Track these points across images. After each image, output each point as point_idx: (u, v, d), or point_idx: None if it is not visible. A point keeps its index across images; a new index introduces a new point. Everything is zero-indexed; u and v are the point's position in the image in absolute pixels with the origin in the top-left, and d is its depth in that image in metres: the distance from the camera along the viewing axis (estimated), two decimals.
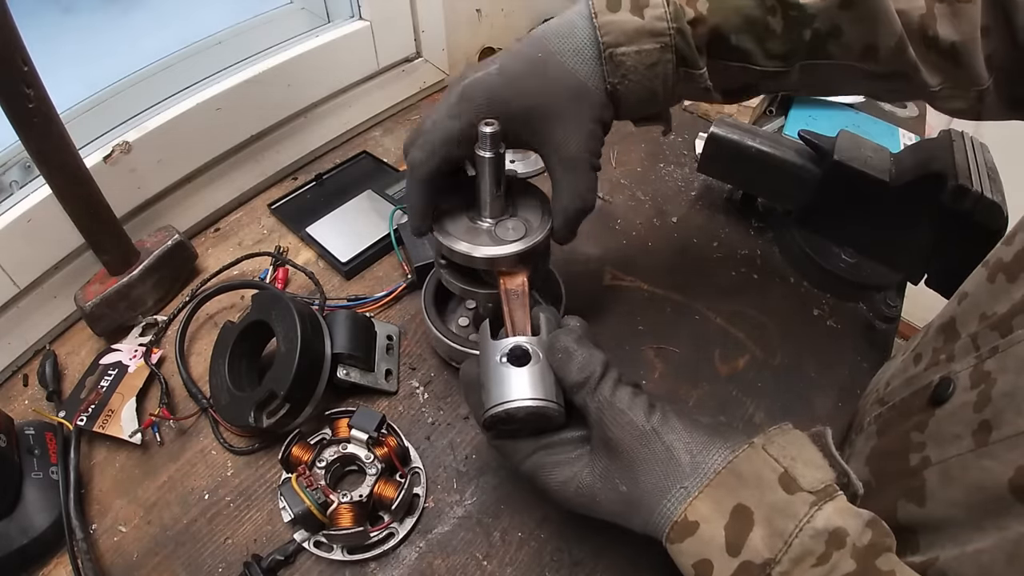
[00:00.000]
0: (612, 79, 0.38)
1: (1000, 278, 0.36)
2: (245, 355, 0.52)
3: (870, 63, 0.39)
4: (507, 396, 0.34)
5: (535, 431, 0.37)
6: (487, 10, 0.92)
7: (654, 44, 0.37)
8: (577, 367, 0.34)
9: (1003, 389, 0.31)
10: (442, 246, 0.42)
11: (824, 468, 0.31)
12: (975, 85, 0.40)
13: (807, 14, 0.37)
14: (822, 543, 0.28)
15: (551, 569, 0.44)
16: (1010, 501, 0.28)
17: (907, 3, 0.37)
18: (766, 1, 0.37)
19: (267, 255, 0.63)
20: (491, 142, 0.38)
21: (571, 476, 0.35)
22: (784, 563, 0.28)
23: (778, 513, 0.29)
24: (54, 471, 0.46)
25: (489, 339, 0.37)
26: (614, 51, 0.37)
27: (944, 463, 0.33)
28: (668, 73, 0.38)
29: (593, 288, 0.62)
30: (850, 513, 0.29)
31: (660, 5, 0.37)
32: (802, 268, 0.64)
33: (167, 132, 0.63)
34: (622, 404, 0.33)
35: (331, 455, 0.46)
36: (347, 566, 0.43)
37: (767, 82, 0.41)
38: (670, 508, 0.31)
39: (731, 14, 0.38)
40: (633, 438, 0.32)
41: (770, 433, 0.32)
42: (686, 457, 0.32)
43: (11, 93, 0.44)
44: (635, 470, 0.32)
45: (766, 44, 0.38)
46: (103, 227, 0.54)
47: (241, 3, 0.79)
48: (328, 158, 0.78)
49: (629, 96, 0.39)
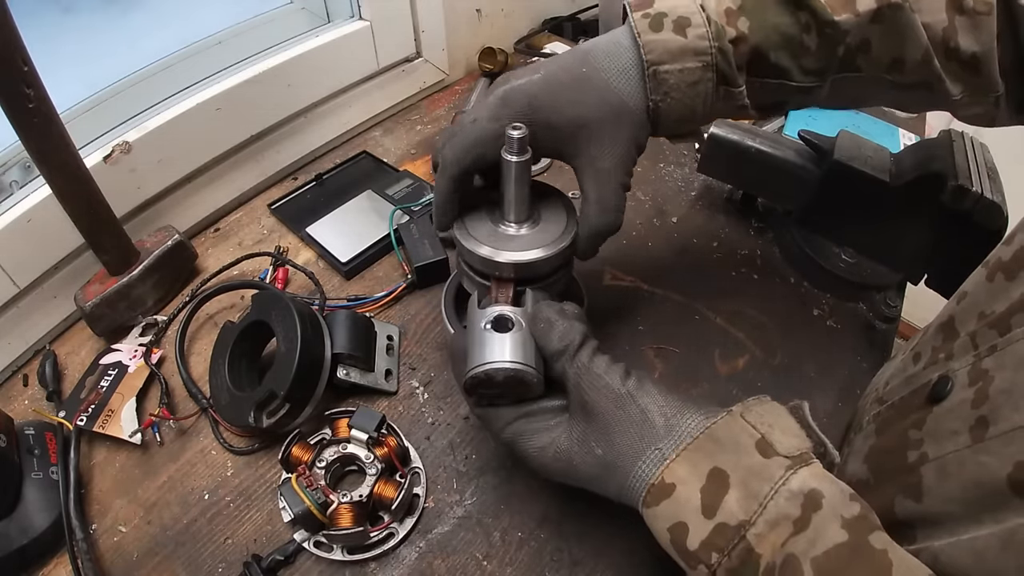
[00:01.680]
0: (655, 96, 0.39)
1: (999, 277, 0.36)
2: (245, 355, 0.52)
3: (896, 75, 0.40)
4: (488, 358, 0.36)
5: (515, 399, 0.38)
6: (487, 10, 0.92)
7: (696, 63, 0.38)
8: (558, 336, 0.36)
9: (1001, 386, 0.31)
10: (463, 248, 0.42)
11: (801, 437, 0.32)
12: (992, 92, 0.40)
13: (841, 30, 0.38)
14: (798, 506, 0.29)
15: (551, 569, 0.44)
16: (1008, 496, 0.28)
17: (931, 16, 0.38)
18: (801, 19, 0.38)
19: (267, 255, 0.63)
20: (519, 146, 0.38)
21: (549, 442, 0.36)
22: (759, 525, 0.29)
23: (754, 476, 0.30)
24: (54, 471, 0.46)
25: (476, 308, 0.38)
26: (658, 68, 0.38)
27: (941, 459, 0.33)
28: (708, 92, 0.39)
29: (593, 288, 0.62)
30: (826, 479, 0.30)
31: (702, 25, 0.38)
32: (802, 268, 0.64)
33: (167, 132, 0.63)
34: (599, 369, 0.34)
35: (331, 455, 0.46)
36: (347, 566, 0.43)
37: (800, 97, 0.42)
38: (645, 470, 0.32)
39: (771, 32, 0.38)
40: (608, 400, 0.34)
41: (748, 403, 0.33)
42: (660, 420, 0.33)
43: (11, 93, 0.44)
44: (610, 432, 0.33)
45: (802, 61, 0.39)
46: (103, 227, 0.54)
47: (241, 3, 0.79)
48: (328, 158, 0.78)
49: (670, 113, 0.40)
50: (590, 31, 0.99)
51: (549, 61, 0.41)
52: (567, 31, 1.00)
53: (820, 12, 0.38)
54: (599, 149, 0.40)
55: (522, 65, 0.95)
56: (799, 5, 0.38)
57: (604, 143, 0.40)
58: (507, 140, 0.38)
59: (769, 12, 0.39)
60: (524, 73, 0.40)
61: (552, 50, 0.92)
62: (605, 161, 0.40)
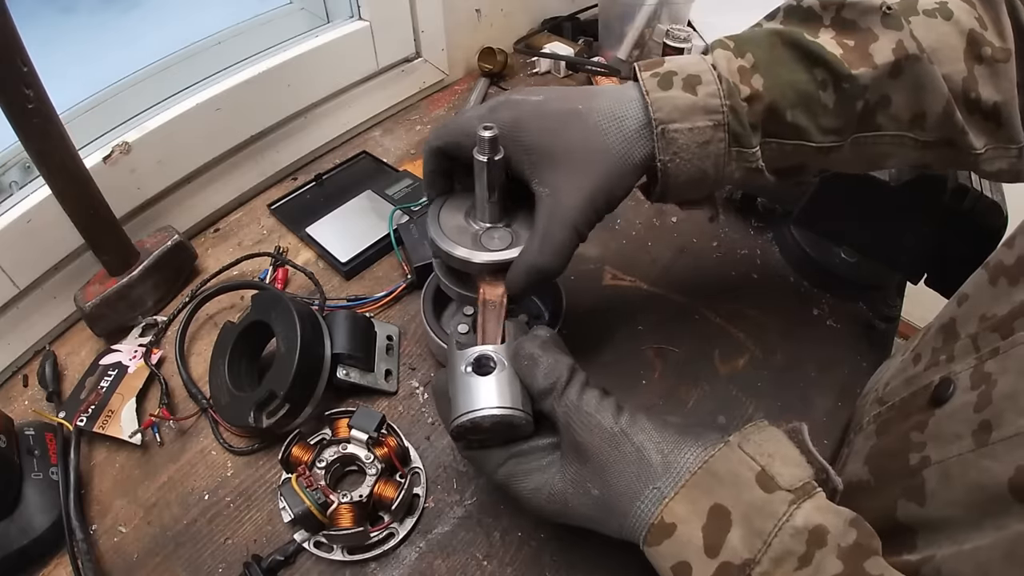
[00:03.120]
0: (663, 156, 0.38)
1: (1002, 281, 0.36)
2: (245, 355, 0.52)
3: (919, 131, 0.38)
4: (472, 405, 0.34)
5: (505, 440, 0.36)
6: (487, 10, 0.92)
7: (707, 121, 0.37)
8: (543, 373, 0.34)
9: (1004, 390, 0.31)
10: (431, 240, 0.42)
11: (802, 465, 0.31)
12: (1015, 143, 0.39)
13: (859, 85, 0.36)
14: (803, 542, 0.28)
15: (551, 569, 0.44)
16: (1009, 501, 0.28)
17: (949, 67, 0.37)
18: (817, 76, 0.37)
19: (267, 255, 0.63)
20: (489, 146, 0.38)
21: (542, 483, 0.34)
22: (764, 563, 0.28)
23: (756, 512, 0.29)
24: (54, 472, 0.46)
25: (455, 350, 0.37)
26: (666, 127, 0.37)
27: (944, 463, 0.33)
28: (720, 153, 0.38)
29: (593, 288, 0.62)
30: (830, 511, 0.29)
31: (713, 83, 0.37)
32: (802, 268, 0.64)
33: (167, 132, 0.63)
34: (589, 408, 0.33)
35: (331, 455, 0.46)
36: (347, 566, 0.43)
37: (819, 159, 0.40)
38: (644, 510, 0.31)
39: (786, 89, 0.37)
40: (602, 440, 0.32)
41: (746, 431, 0.32)
42: (657, 457, 0.32)
43: (11, 93, 0.44)
44: (606, 473, 0.32)
45: (820, 120, 0.38)
46: (103, 227, 0.54)
47: (241, 3, 0.79)
48: (328, 158, 0.78)
49: (679, 175, 0.38)
50: (589, 31, 0.99)
51: (556, 89, 0.40)
52: (567, 31, 1.00)
53: (836, 67, 0.36)
54: (564, 181, 0.38)
55: (521, 65, 0.95)
56: (815, 61, 0.37)
57: (571, 178, 0.38)
58: (478, 140, 0.38)
59: (784, 69, 0.37)
60: (529, 92, 0.40)
61: (552, 50, 0.92)
62: (565, 196, 0.38)
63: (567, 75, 0.92)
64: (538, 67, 0.94)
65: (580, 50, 0.93)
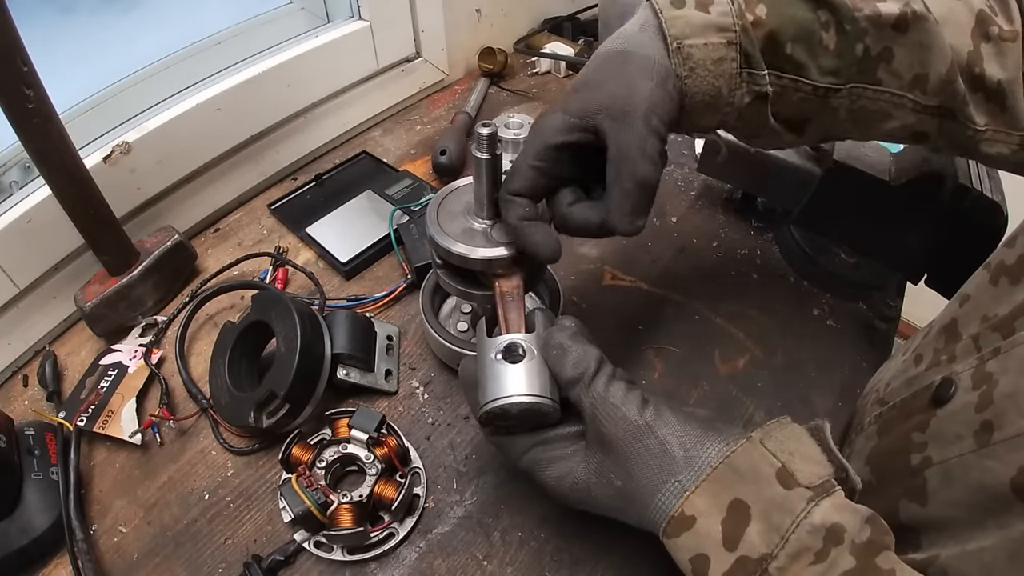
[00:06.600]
0: (681, 71, 0.37)
1: (1003, 281, 0.36)
2: (245, 355, 0.52)
3: (919, 92, 0.38)
4: (501, 392, 0.35)
5: (531, 427, 0.37)
6: (487, 10, 0.92)
7: (720, 39, 0.37)
8: (571, 363, 0.34)
9: (1005, 390, 0.31)
10: (438, 247, 0.42)
11: (822, 463, 0.31)
12: (1017, 129, 0.39)
13: (860, 27, 0.37)
14: (820, 539, 0.28)
15: (551, 569, 0.44)
16: (1012, 500, 0.28)
17: (956, 39, 0.37)
18: (821, 16, 0.37)
19: (267, 255, 0.63)
20: (487, 143, 0.39)
21: (567, 472, 0.35)
22: (781, 558, 0.28)
23: (775, 508, 0.29)
24: (54, 472, 0.46)
25: (485, 337, 0.37)
26: (682, 43, 0.37)
27: (946, 463, 0.33)
28: (732, 73, 0.38)
29: (593, 288, 0.62)
30: (848, 509, 0.29)
31: (725, 3, 0.37)
32: (802, 268, 0.64)
33: (167, 132, 0.63)
34: (615, 399, 0.33)
35: (331, 455, 0.46)
36: (347, 566, 0.43)
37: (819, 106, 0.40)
38: (665, 502, 0.31)
39: (787, 21, 0.37)
40: (626, 432, 0.33)
41: (768, 427, 0.32)
42: (679, 451, 0.32)
43: (11, 93, 0.44)
44: (629, 465, 0.33)
45: (819, 60, 0.38)
46: (103, 227, 0.54)
47: (241, 3, 0.79)
48: (328, 158, 0.78)
49: (696, 94, 0.38)
50: (590, 31, 0.99)
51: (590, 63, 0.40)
52: (567, 31, 1.00)
53: (841, 8, 0.37)
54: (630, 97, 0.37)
55: (521, 65, 0.95)
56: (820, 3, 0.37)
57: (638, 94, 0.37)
58: (476, 137, 0.39)
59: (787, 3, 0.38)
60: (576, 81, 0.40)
61: (552, 50, 0.92)
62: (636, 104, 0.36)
63: (567, 75, 0.92)
64: (538, 67, 0.94)
65: (580, 50, 0.93)
